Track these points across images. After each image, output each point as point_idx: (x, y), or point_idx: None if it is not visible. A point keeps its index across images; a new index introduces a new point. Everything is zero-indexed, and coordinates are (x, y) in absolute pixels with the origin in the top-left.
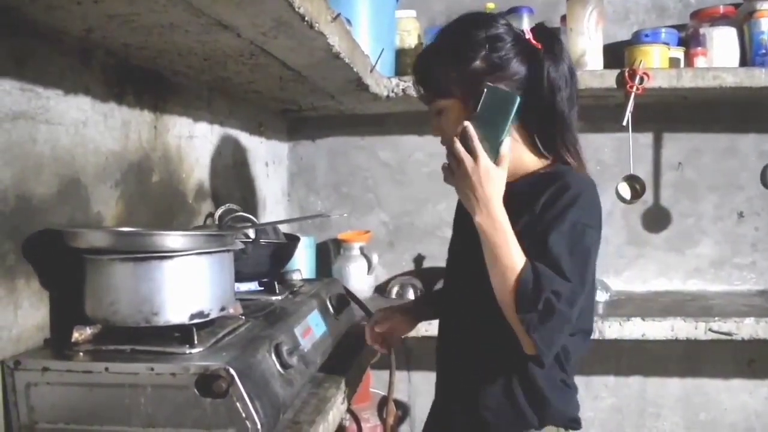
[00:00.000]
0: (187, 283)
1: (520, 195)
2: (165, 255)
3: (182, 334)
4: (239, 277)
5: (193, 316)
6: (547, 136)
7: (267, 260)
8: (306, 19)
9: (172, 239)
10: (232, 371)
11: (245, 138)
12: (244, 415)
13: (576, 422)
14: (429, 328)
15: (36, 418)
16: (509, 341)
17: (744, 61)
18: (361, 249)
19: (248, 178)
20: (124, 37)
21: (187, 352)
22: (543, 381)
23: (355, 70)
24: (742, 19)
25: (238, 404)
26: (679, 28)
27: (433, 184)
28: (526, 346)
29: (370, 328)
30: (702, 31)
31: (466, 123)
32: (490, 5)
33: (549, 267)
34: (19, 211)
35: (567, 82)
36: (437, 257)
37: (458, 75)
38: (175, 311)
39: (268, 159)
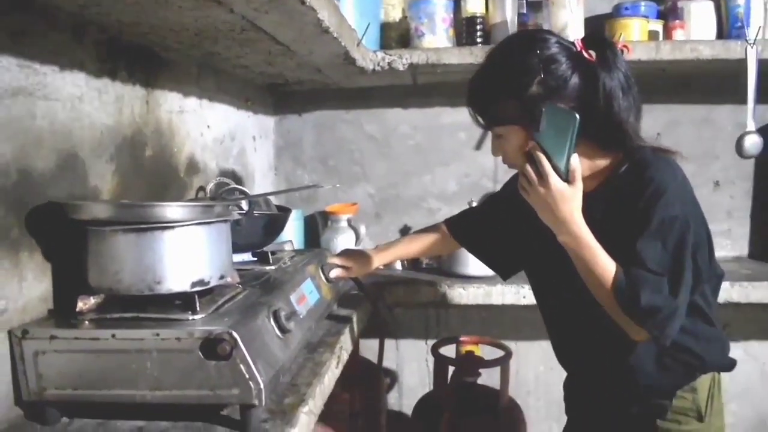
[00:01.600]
0: (188, 253)
1: (605, 201)
2: (167, 225)
3: (184, 301)
4: (234, 248)
5: (194, 284)
6: (609, 141)
7: (260, 231)
8: None
9: (174, 210)
10: (235, 335)
11: (233, 112)
12: (247, 375)
13: (731, 364)
14: (416, 296)
15: (44, 384)
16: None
17: (720, 34)
18: (349, 221)
19: (236, 152)
20: (117, 13)
21: (190, 318)
22: (691, 341)
23: (343, 44)
24: None
25: (241, 366)
26: (658, 1)
27: (417, 156)
28: (632, 334)
29: (330, 263)
30: (680, 4)
31: (532, 145)
32: None
33: (643, 269)
34: (21, 185)
35: (624, 90)
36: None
37: (515, 102)
38: (177, 280)
39: (255, 133)
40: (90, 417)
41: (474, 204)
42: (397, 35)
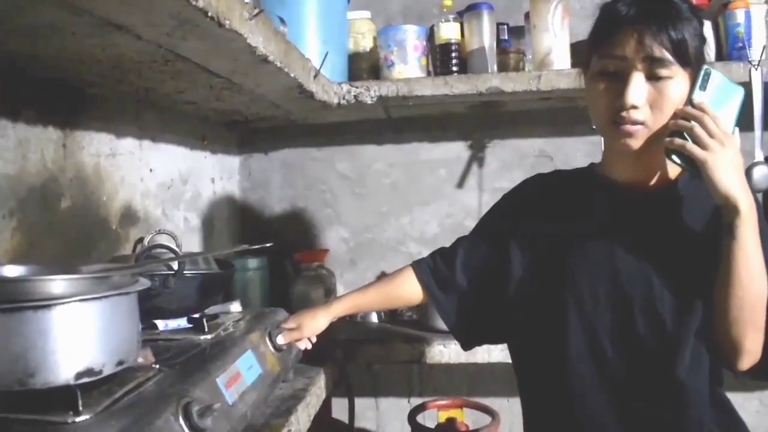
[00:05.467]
0: (69, 337)
1: (691, 198)
2: (40, 305)
3: (66, 397)
4: (164, 314)
5: (79, 375)
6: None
7: (194, 294)
8: (209, 14)
9: (48, 285)
10: None
11: (185, 153)
12: None
13: None
14: (392, 354)
15: None
16: (706, 364)
17: (720, 56)
18: (320, 268)
19: (189, 197)
20: (3, 43)
21: (70, 420)
22: (729, 402)
23: (292, 75)
24: (716, 11)
25: None
26: None
27: (394, 196)
28: (745, 362)
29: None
30: None
31: (699, 101)
32: (447, 2)
33: None
34: None
35: None
36: None
37: (699, 47)
38: (55, 371)
39: (215, 175)
40: None
41: None
42: (368, 66)
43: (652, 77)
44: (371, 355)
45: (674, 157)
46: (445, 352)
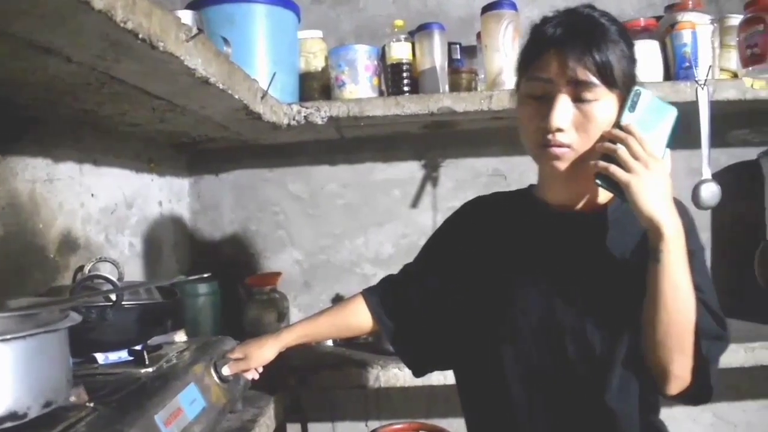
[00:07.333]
0: None
1: (620, 222)
2: None
3: None
4: (104, 347)
5: (2, 420)
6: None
7: (134, 325)
8: (140, 36)
9: None
10: None
11: (130, 176)
12: None
13: None
14: (346, 380)
15: None
16: (636, 391)
17: (668, 76)
18: (273, 292)
19: (135, 221)
20: None
21: None
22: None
23: (237, 97)
24: (663, 31)
25: None
26: None
27: (348, 217)
28: (673, 387)
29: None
30: None
31: (627, 123)
32: (399, 22)
33: (707, 307)
34: None
35: None
36: None
37: (627, 69)
38: None
39: (163, 198)
40: None
41: None
42: (319, 86)
43: (578, 99)
44: (325, 381)
45: (599, 180)
46: (401, 375)
